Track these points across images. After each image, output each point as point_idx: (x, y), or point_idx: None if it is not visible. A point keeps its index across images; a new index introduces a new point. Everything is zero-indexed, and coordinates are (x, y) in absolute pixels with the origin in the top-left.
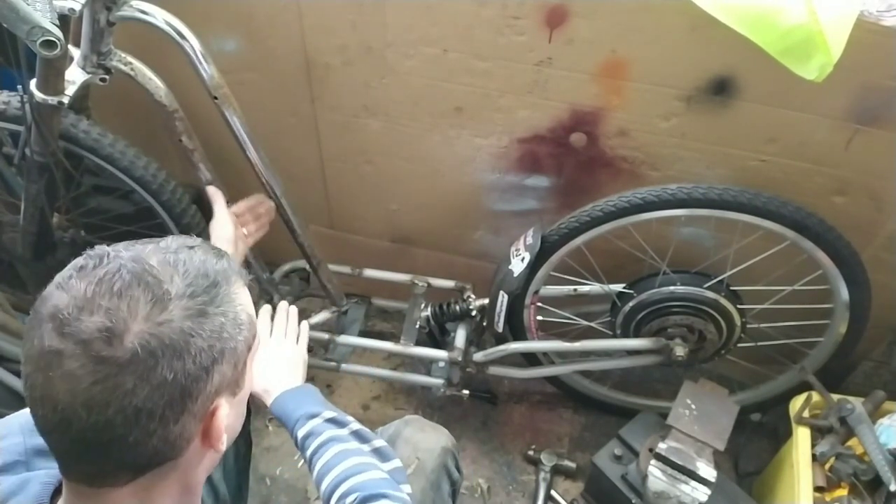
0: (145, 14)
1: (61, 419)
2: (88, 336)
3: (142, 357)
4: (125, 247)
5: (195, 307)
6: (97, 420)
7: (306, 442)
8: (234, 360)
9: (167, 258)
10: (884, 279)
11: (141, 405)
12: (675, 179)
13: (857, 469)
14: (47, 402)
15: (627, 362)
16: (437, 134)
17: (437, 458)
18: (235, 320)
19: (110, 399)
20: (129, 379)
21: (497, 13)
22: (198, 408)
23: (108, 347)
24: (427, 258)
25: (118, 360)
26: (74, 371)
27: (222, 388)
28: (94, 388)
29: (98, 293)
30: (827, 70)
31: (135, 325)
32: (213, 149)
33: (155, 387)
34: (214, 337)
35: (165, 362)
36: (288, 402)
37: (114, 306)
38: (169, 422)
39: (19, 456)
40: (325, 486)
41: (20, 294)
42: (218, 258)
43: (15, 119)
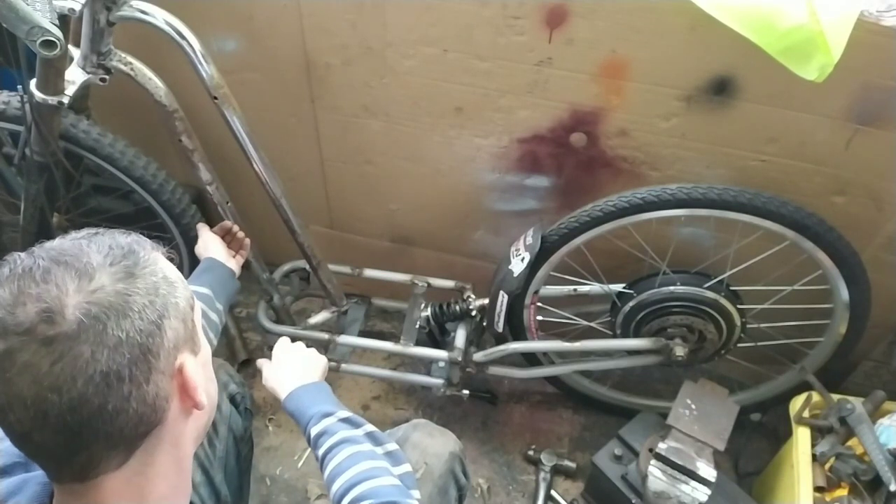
0: (145, 14)
1: (35, 412)
2: (29, 324)
3: (88, 324)
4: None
5: (122, 271)
6: (70, 398)
7: (319, 440)
8: (180, 315)
9: (75, 243)
10: (884, 279)
11: (106, 369)
12: (675, 179)
13: (857, 469)
14: (15, 402)
15: (627, 362)
16: (437, 134)
17: (445, 463)
18: (166, 279)
19: (74, 372)
20: (85, 347)
21: (497, 13)
22: (163, 364)
23: (52, 326)
24: (427, 258)
25: (67, 334)
26: (29, 361)
27: (180, 343)
28: (55, 368)
29: (22, 287)
30: (827, 70)
31: (70, 300)
32: (213, 149)
33: (112, 348)
34: (151, 293)
35: (113, 323)
36: (302, 397)
37: (42, 290)
38: (140, 382)
39: (18, 458)
40: (336, 487)
41: None
42: (124, 235)
43: (15, 119)
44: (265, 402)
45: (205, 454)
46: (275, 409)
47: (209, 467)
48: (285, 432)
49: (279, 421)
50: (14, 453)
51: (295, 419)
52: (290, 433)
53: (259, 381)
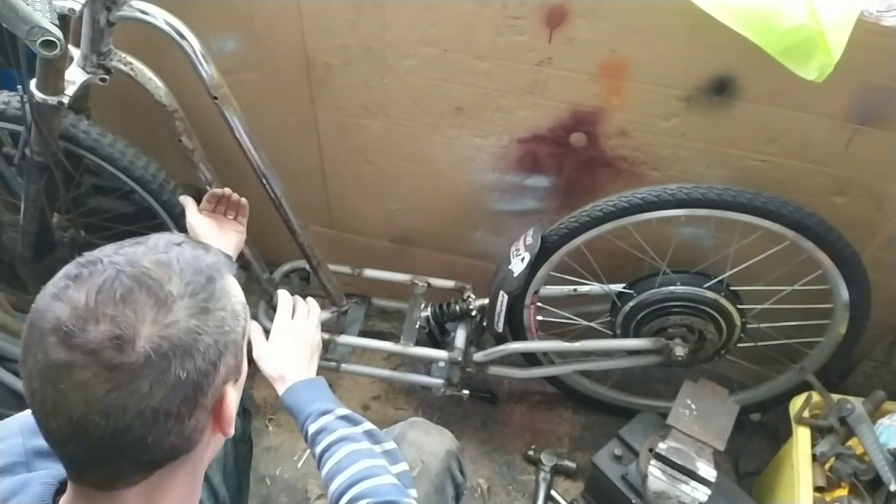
0: (145, 14)
1: (77, 429)
2: (98, 345)
3: (155, 360)
4: (115, 250)
5: (197, 305)
6: (116, 426)
7: (317, 438)
8: (235, 350)
9: (160, 258)
10: (884, 279)
11: (158, 406)
12: (675, 179)
13: (857, 469)
14: (61, 414)
15: (627, 362)
16: (437, 134)
17: (441, 461)
18: (233, 312)
19: (127, 404)
20: (145, 383)
21: (497, 13)
22: (208, 400)
23: (119, 355)
24: (427, 258)
25: (132, 365)
26: (87, 381)
27: (228, 377)
28: (110, 396)
29: (101, 301)
30: (827, 70)
31: (143, 330)
32: (213, 149)
33: (170, 387)
34: (218, 332)
35: (178, 362)
36: (301, 393)
37: (119, 313)
38: (184, 418)
39: (19, 457)
40: (335, 485)
41: (20, 294)
42: (206, 252)
43: (15, 119)
44: (265, 402)
45: None
46: (275, 410)
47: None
48: (285, 432)
49: (279, 421)
50: (16, 453)
51: (292, 414)
52: (290, 433)
53: (259, 382)
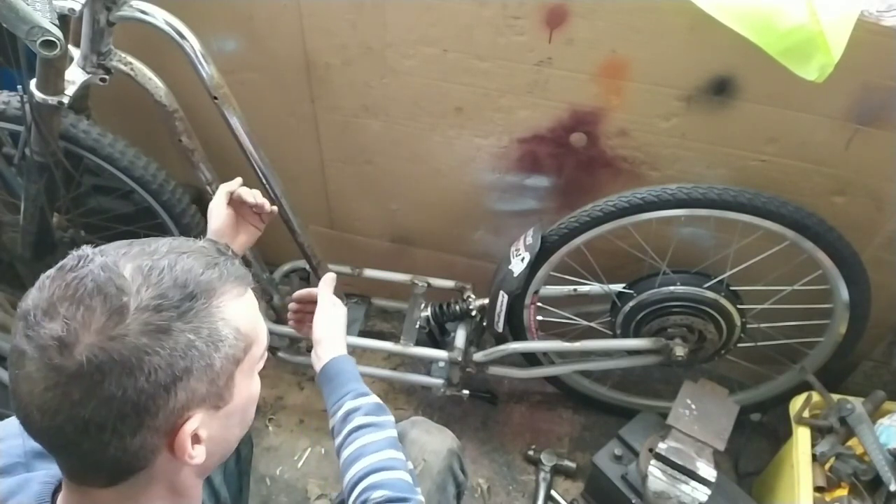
0: (145, 14)
1: (24, 416)
2: (45, 342)
3: (87, 371)
4: (110, 249)
5: (156, 323)
6: (50, 424)
7: (351, 415)
8: (209, 376)
9: (144, 265)
10: (884, 279)
11: (88, 417)
12: (675, 179)
13: (857, 469)
14: (14, 397)
15: (627, 362)
16: (437, 134)
17: (443, 460)
18: (211, 336)
19: (59, 407)
20: (76, 391)
21: (497, 13)
22: (159, 423)
23: (59, 356)
24: (427, 258)
25: (67, 369)
26: (32, 374)
27: (193, 403)
28: (46, 394)
29: (60, 298)
30: (827, 71)
31: (86, 337)
32: (213, 149)
33: (102, 401)
34: (177, 355)
35: (113, 378)
36: (347, 367)
37: (70, 315)
38: (124, 435)
39: (18, 458)
40: (358, 467)
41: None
42: (208, 268)
43: (15, 119)
44: (265, 402)
45: None
46: (275, 410)
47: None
48: (285, 432)
49: (279, 421)
50: (15, 454)
51: (329, 381)
52: (290, 433)
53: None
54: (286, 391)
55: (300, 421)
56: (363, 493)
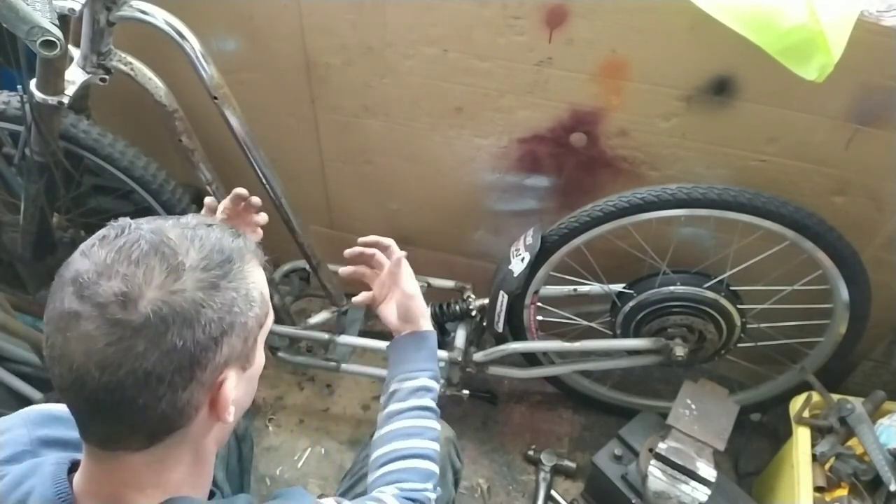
0: (145, 14)
1: (76, 378)
2: (105, 299)
3: (153, 322)
4: (147, 220)
5: (208, 279)
6: (109, 380)
7: (419, 392)
8: (244, 334)
9: (185, 233)
10: (884, 279)
11: (151, 368)
12: (675, 179)
13: (857, 469)
14: (64, 361)
15: (627, 362)
16: (437, 134)
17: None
18: (247, 296)
19: (122, 361)
20: (141, 342)
21: (497, 13)
22: (206, 377)
23: (122, 311)
24: (427, 258)
25: (132, 323)
26: (90, 332)
27: (231, 360)
28: (107, 350)
29: (117, 260)
30: (827, 70)
31: (149, 292)
32: (213, 149)
33: (165, 352)
34: (225, 310)
35: (176, 329)
36: (433, 344)
37: (130, 273)
38: (178, 387)
39: (25, 446)
40: (412, 444)
41: (20, 294)
42: (234, 237)
43: (15, 119)
44: (265, 402)
45: None
46: (275, 410)
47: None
48: (285, 432)
49: (279, 421)
50: (21, 442)
51: (416, 349)
52: (290, 433)
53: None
54: (286, 391)
55: (300, 421)
56: (405, 472)
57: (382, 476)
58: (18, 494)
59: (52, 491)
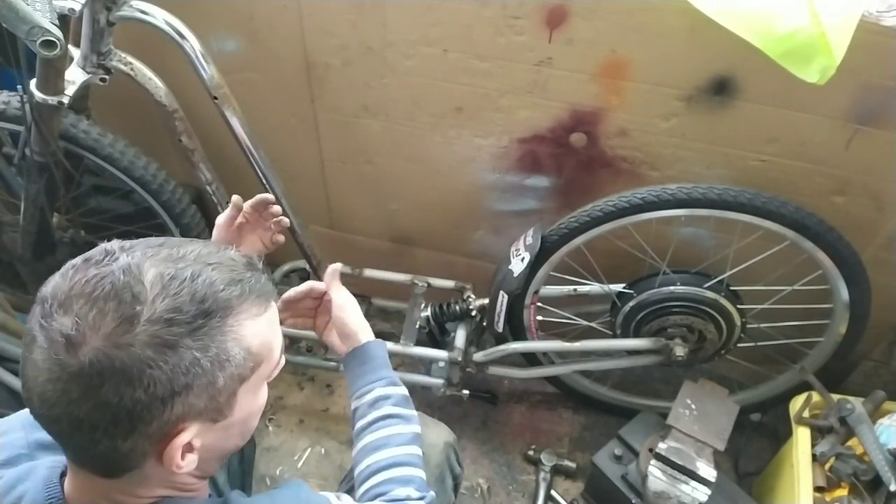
0: (145, 14)
1: (26, 397)
2: (54, 336)
3: (87, 373)
4: (138, 248)
5: (164, 337)
6: (46, 414)
7: (380, 402)
8: (209, 393)
9: (166, 272)
10: (884, 279)
11: (83, 416)
12: (675, 179)
13: (857, 469)
14: (22, 377)
15: (627, 362)
16: (437, 134)
17: (440, 452)
18: (218, 356)
19: (57, 401)
20: (75, 389)
21: (497, 13)
22: (152, 431)
23: (65, 353)
24: (427, 258)
25: (70, 367)
26: (38, 362)
27: (189, 416)
28: (47, 385)
29: (78, 294)
30: (829, 73)
31: (93, 340)
32: (213, 149)
33: (98, 405)
34: (179, 371)
35: (112, 385)
36: (379, 352)
37: (83, 314)
38: (115, 437)
39: (22, 449)
40: (382, 456)
41: (20, 294)
42: (230, 284)
43: (15, 119)
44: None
45: None
46: (275, 410)
47: None
48: (285, 432)
49: (279, 421)
50: (18, 445)
51: (361, 363)
52: (290, 433)
53: None
54: (286, 391)
55: (300, 421)
56: (382, 484)
57: (364, 493)
58: (11, 498)
59: (43, 495)
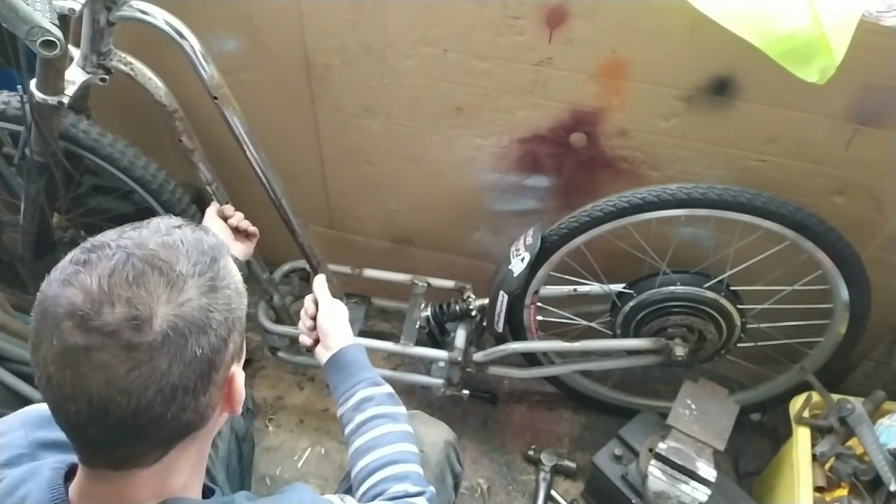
0: (145, 14)
1: (98, 410)
2: (116, 327)
3: (173, 338)
4: (119, 235)
5: (206, 284)
6: (138, 404)
7: (364, 405)
8: (241, 327)
9: (165, 241)
10: (884, 279)
11: (177, 382)
12: (675, 179)
13: (857, 469)
14: (80, 397)
15: (627, 362)
16: (437, 134)
17: (440, 451)
18: (237, 290)
19: (149, 382)
20: (164, 360)
21: (497, 13)
22: (219, 377)
23: (138, 335)
24: (427, 258)
25: (151, 344)
26: (108, 362)
27: (234, 355)
28: (131, 375)
29: (114, 284)
30: (829, 73)
31: (159, 310)
32: (213, 149)
33: (188, 363)
34: (227, 309)
35: (194, 339)
36: (356, 356)
37: (134, 295)
38: (199, 393)
39: (23, 449)
40: (370, 458)
41: (20, 294)
42: (206, 233)
43: (15, 119)
44: (265, 402)
45: None
46: (275, 410)
47: (211, 467)
48: (285, 432)
49: (279, 421)
50: (19, 445)
51: (340, 370)
52: (290, 433)
53: (259, 383)
54: (286, 391)
55: (300, 421)
56: (379, 484)
57: (363, 496)
58: (15, 499)
59: (47, 496)
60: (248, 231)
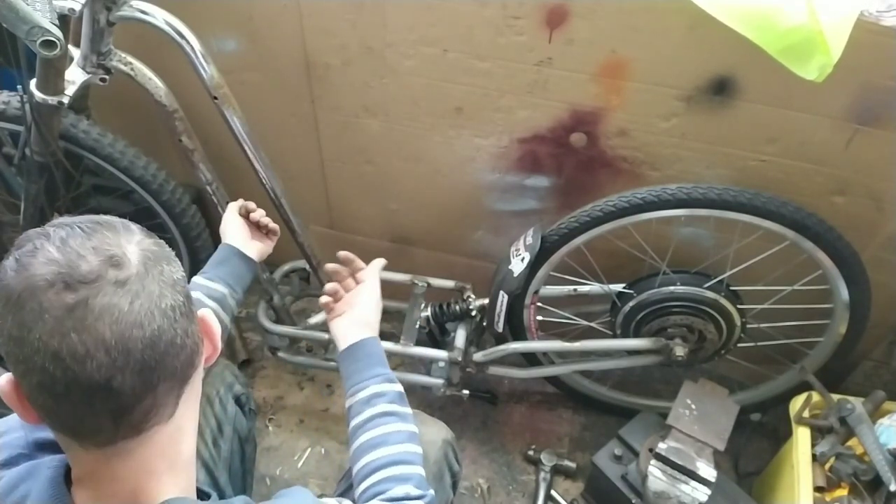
0: (145, 14)
1: (118, 354)
2: (99, 272)
3: (152, 264)
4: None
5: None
6: (152, 331)
7: (375, 399)
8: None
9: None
10: (884, 279)
11: (173, 303)
12: (675, 179)
13: (857, 469)
14: (97, 350)
15: (627, 362)
16: (437, 134)
17: (438, 450)
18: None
19: (151, 308)
20: (154, 285)
21: (497, 13)
22: (193, 308)
23: (122, 270)
24: (427, 258)
25: (137, 272)
26: (108, 303)
27: None
28: (134, 306)
29: (74, 245)
30: (827, 70)
31: (128, 246)
32: (213, 149)
33: (172, 285)
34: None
35: (166, 265)
36: (377, 349)
37: (98, 243)
38: (192, 318)
39: (22, 449)
40: (379, 454)
41: None
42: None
43: (15, 119)
44: (265, 402)
45: (209, 455)
46: (275, 410)
47: (214, 468)
48: (285, 432)
49: (279, 421)
50: (18, 445)
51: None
52: (290, 433)
53: (259, 383)
54: (286, 391)
55: (300, 421)
56: (381, 483)
57: (363, 493)
58: (15, 497)
59: (48, 493)
60: (269, 227)
